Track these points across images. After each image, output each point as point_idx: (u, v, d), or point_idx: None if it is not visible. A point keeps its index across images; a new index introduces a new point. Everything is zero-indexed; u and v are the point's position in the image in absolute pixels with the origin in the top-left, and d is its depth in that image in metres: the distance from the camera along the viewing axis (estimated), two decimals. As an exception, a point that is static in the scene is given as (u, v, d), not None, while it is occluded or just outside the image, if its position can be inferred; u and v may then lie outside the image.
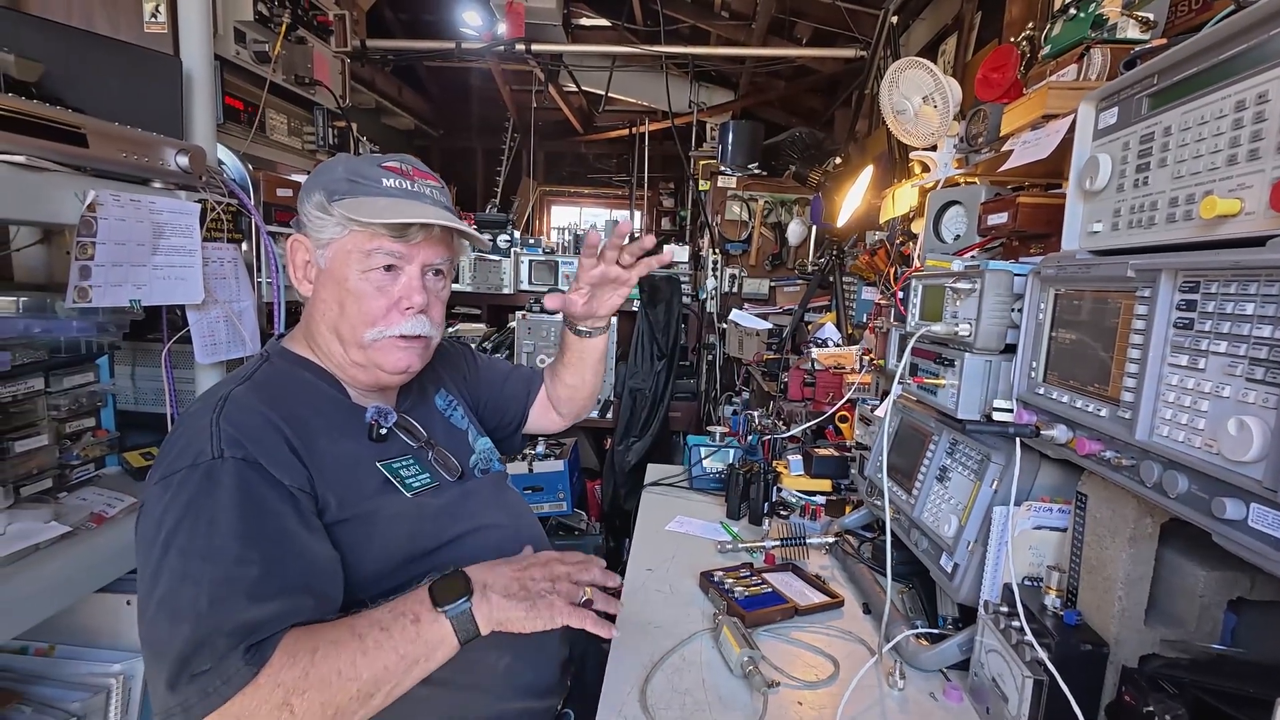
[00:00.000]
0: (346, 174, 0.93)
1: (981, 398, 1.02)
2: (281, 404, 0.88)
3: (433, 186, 0.98)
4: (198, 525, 0.74)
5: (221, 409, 0.82)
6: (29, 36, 1.09)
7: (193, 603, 0.70)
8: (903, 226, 1.85)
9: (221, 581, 0.72)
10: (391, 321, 0.93)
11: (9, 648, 1.23)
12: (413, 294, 0.94)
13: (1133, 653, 0.79)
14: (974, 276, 1.01)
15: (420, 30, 4.51)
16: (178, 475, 0.77)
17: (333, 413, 0.94)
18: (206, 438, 0.79)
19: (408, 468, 0.96)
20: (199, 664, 0.68)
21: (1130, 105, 0.77)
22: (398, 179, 0.94)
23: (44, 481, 1.24)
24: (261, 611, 0.72)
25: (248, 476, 0.78)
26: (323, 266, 0.94)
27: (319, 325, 0.96)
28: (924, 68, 1.47)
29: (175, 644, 0.69)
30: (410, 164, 0.97)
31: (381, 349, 0.94)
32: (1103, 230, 0.80)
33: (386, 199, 0.92)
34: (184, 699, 0.68)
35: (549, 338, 3.18)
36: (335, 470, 0.87)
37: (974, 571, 0.97)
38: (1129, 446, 0.70)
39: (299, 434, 0.86)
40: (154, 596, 0.72)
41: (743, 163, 3.47)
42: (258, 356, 0.99)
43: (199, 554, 0.73)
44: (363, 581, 0.85)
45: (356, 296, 0.92)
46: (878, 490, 1.29)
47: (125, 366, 1.60)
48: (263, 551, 0.75)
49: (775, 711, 0.91)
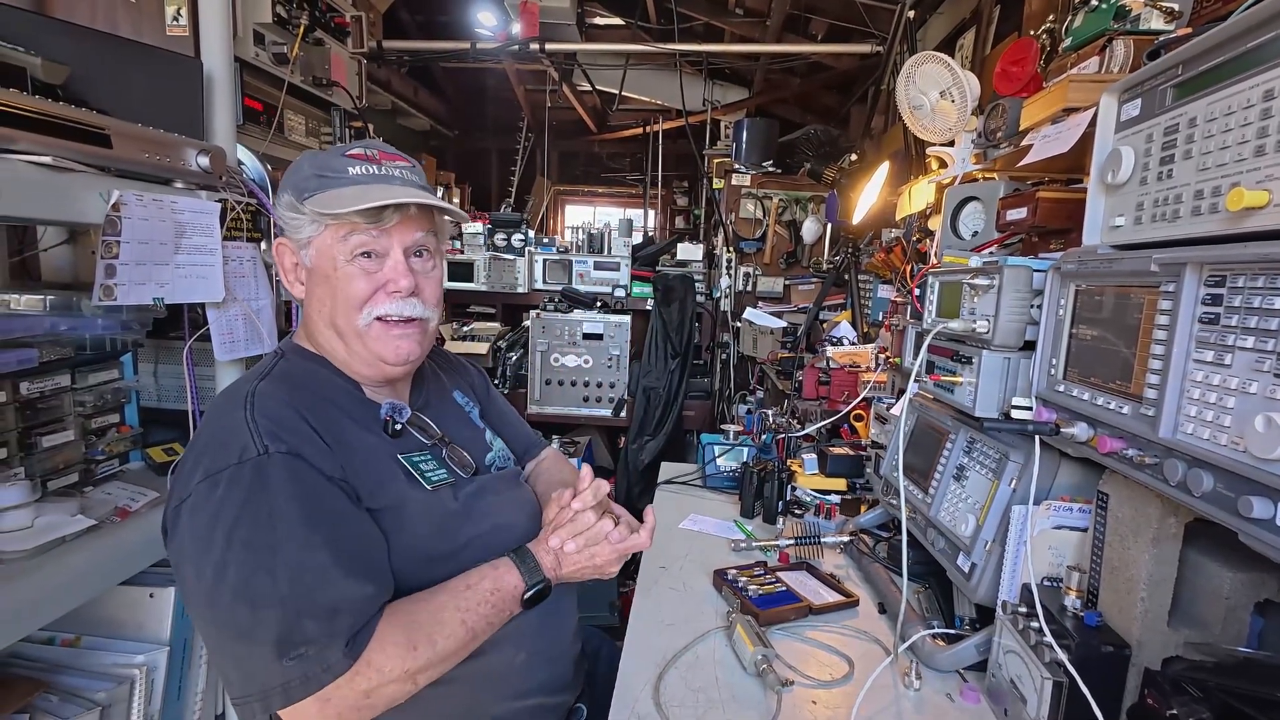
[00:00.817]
0: (313, 170, 0.92)
1: (1000, 395, 1.00)
2: (303, 396, 0.89)
3: (402, 167, 0.96)
4: (259, 519, 0.76)
5: (252, 404, 0.84)
6: (55, 40, 1.12)
7: (273, 590, 0.74)
8: (919, 223, 1.83)
9: (296, 568, 0.76)
10: (377, 302, 0.92)
11: (36, 638, 1.25)
12: (399, 277, 0.92)
13: (1155, 655, 0.78)
14: (992, 273, 1.00)
15: (436, 31, 4.53)
16: (225, 472, 0.78)
17: (351, 406, 0.95)
18: (246, 433, 0.80)
19: (426, 462, 0.97)
20: (295, 648, 0.73)
21: (1154, 97, 0.75)
22: (364, 165, 0.92)
23: (70, 476, 1.27)
24: (341, 592, 0.76)
25: (296, 467, 0.80)
26: (309, 265, 0.95)
27: (318, 324, 0.96)
28: (941, 62, 1.45)
29: (266, 629, 0.73)
30: (377, 148, 0.96)
31: (377, 337, 0.93)
32: (1125, 224, 0.78)
33: (353, 187, 0.91)
34: (285, 681, 0.73)
35: (563, 336, 3.20)
36: (362, 459, 0.89)
37: (992, 571, 0.96)
38: (1152, 444, 0.69)
39: (324, 425, 0.87)
40: (224, 588, 0.75)
41: (757, 160, 3.45)
42: (272, 354, 0.99)
43: (266, 546, 0.76)
44: (394, 575, 0.86)
45: (344, 284, 0.91)
46: (894, 489, 1.28)
47: (148, 364, 1.63)
48: (326, 534, 0.79)
49: (789, 710, 0.91)
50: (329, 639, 0.74)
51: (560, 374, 3.21)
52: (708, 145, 4.37)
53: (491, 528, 0.97)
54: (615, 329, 3.21)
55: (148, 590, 1.30)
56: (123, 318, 1.39)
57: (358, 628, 0.77)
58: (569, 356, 3.20)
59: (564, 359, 3.21)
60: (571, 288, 3.31)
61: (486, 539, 0.96)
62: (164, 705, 1.29)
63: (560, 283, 3.34)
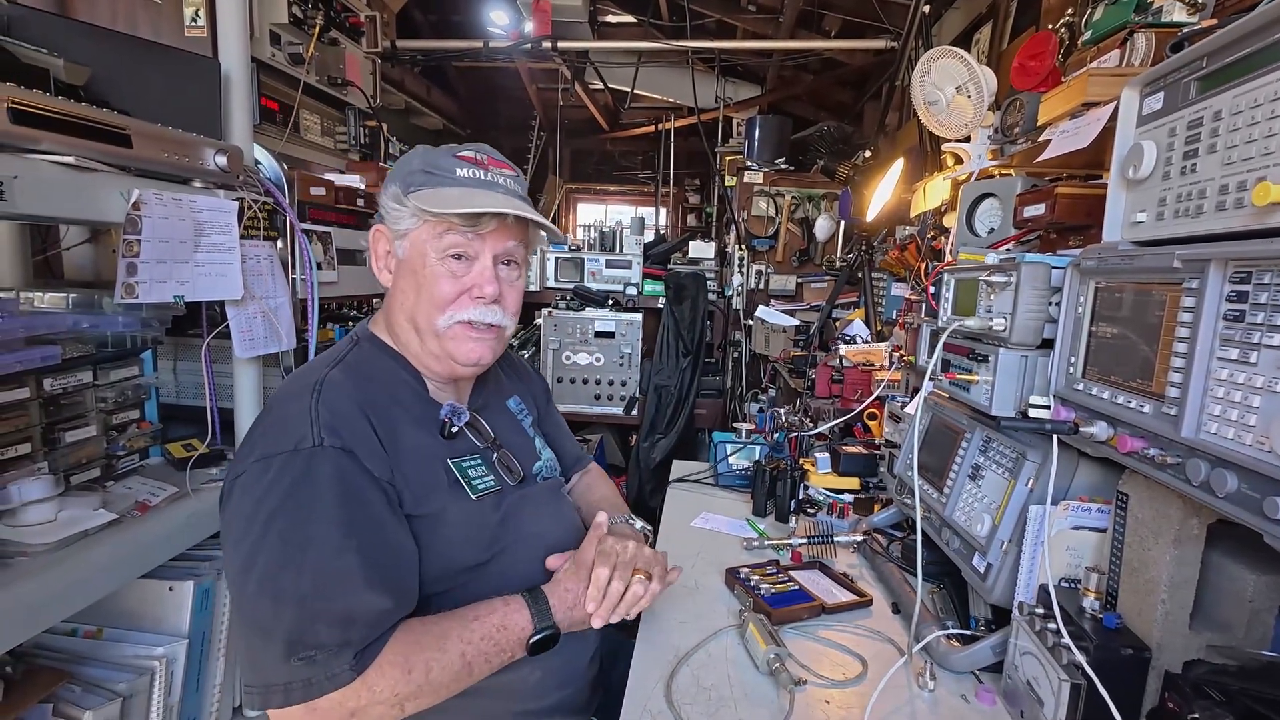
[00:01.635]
0: (422, 165, 0.94)
1: (1017, 394, 0.99)
2: (369, 391, 0.91)
3: (506, 175, 0.97)
4: (299, 511, 0.78)
5: (319, 393, 0.85)
6: (77, 41, 1.14)
7: (295, 587, 0.75)
8: (934, 221, 1.81)
9: (322, 570, 0.77)
10: (461, 306, 0.94)
11: (60, 629, 1.28)
12: (485, 284, 0.94)
13: (1176, 658, 0.76)
14: (1010, 270, 0.99)
15: (449, 31, 4.55)
16: (279, 458, 0.80)
17: (412, 403, 0.96)
18: (306, 423, 0.82)
19: (475, 468, 0.97)
20: (304, 650, 0.74)
21: (1177, 90, 0.74)
22: (471, 168, 0.94)
23: (92, 471, 1.29)
24: (360, 602, 0.77)
25: (345, 465, 0.81)
26: (400, 256, 0.97)
27: (397, 315, 0.98)
28: (957, 57, 1.43)
29: (281, 626, 0.75)
30: (486, 153, 0.97)
31: (454, 337, 0.94)
32: (1147, 220, 0.77)
33: (458, 189, 0.93)
34: (288, 680, 0.74)
35: (574, 334, 3.20)
36: (412, 463, 0.90)
37: (1008, 572, 0.95)
38: (1174, 444, 0.68)
39: (383, 423, 0.89)
40: (253, 573, 0.77)
41: (770, 158, 3.44)
42: (348, 339, 1.01)
43: (299, 542, 0.77)
44: (422, 582, 0.88)
45: (430, 283, 0.93)
46: (908, 488, 1.27)
47: (167, 361, 1.66)
48: (360, 540, 0.79)
49: (802, 710, 0.91)
50: (340, 647, 0.75)
51: (572, 372, 3.22)
52: (720, 143, 4.35)
53: (528, 538, 0.98)
54: (627, 327, 3.22)
55: (167, 584, 1.32)
56: (142, 315, 1.41)
57: (369, 640, 0.78)
58: (581, 354, 3.21)
59: (576, 357, 3.22)
60: (583, 286, 3.32)
61: (520, 550, 0.97)
62: (183, 697, 1.31)
63: (572, 281, 3.35)
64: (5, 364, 1.09)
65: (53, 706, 1.12)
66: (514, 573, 0.96)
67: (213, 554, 1.43)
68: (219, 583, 1.40)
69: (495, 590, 0.92)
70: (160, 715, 1.25)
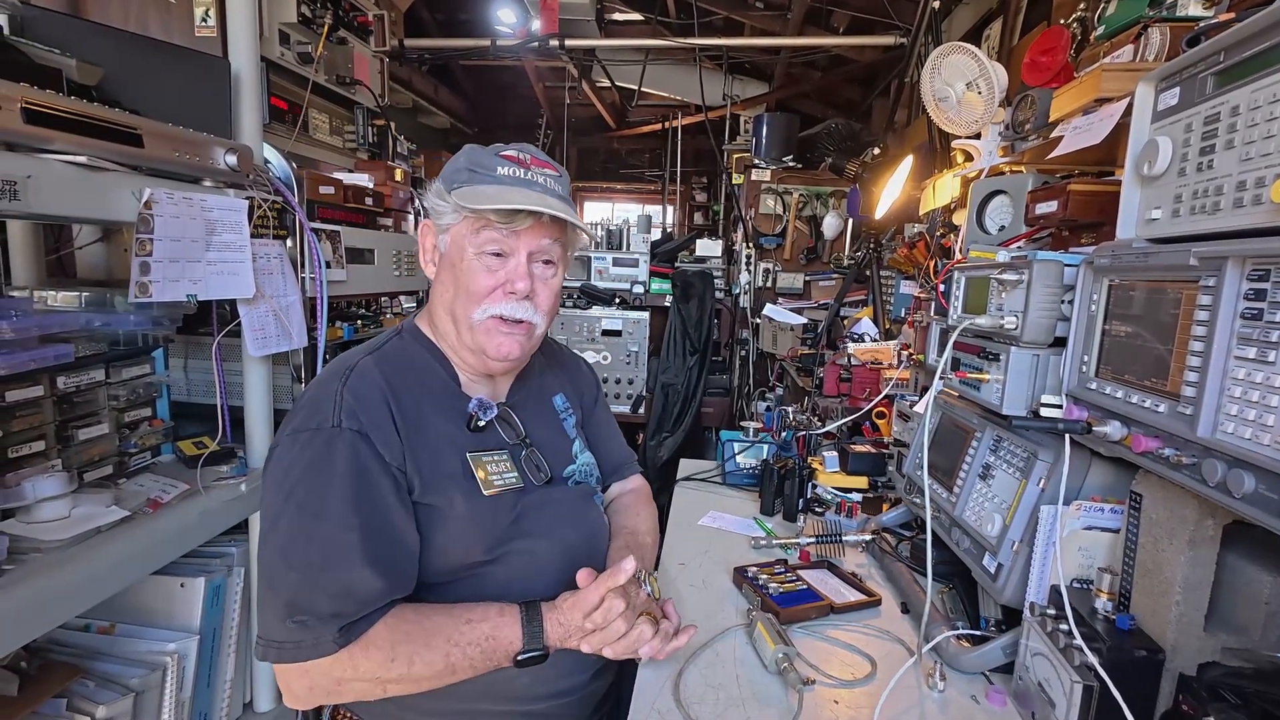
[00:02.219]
0: (466, 163, 0.97)
1: (1028, 393, 0.98)
2: (399, 378, 0.95)
3: (549, 175, 0.99)
4: (315, 484, 0.84)
5: (347, 379, 0.91)
6: (89, 42, 1.15)
7: (304, 554, 0.82)
8: (943, 218, 1.80)
9: (329, 543, 0.82)
10: (495, 300, 0.96)
11: (73, 625, 1.29)
12: (517, 279, 0.95)
13: (1191, 660, 0.75)
14: (1021, 267, 0.98)
15: (456, 30, 4.56)
16: (305, 434, 0.87)
17: (441, 395, 0.99)
18: (331, 405, 0.88)
19: (496, 463, 0.98)
20: (299, 614, 0.80)
21: (1194, 85, 0.73)
22: (513, 167, 0.96)
23: (105, 468, 1.30)
24: (355, 577, 0.82)
25: (360, 448, 0.87)
26: (443, 250, 1.00)
27: (438, 307, 1.01)
28: (968, 53, 1.42)
29: (287, 586, 0.81)
30: (529, 153, 0.99)
31: (487, 331, 0.96)
32: (1162, 217, 0.76)
33: (496, 186, 0.95)
34: (283, 640, 0.80)
35: (581, 332, 3.20)
36: (429, 451, 0.93)
37: (1019, 572, 0.94)
38: (1190, 444, 0.67)
39: (406, 411, 0.93)
40: (276, 536, 0.84)
41: (777, 155, 3.43)
42: (392, 330, 1.06)
43: (313, 512, 0.83)
44: (421, 571, 0.90)
45: (468, 276, 0.95)
46: (917, 488, 1.26)
47: (178, 360, 1.67)
48: (363, 519, 0.84)
49: (811, 709, 0.90)
50: (329, 618, 0.80)
51: (579, 370, 3.22)
52: (727, 140, 4.34)
53: (542, 541, 0.98)
54: (634, 325, 3.21)
55: (179, 580, 1.34)
56: (154, 314, 1.42)
57: (358, 616, 0.82)
58: (588, 352, 3.21)
59: (583, 355, 3.22)
60: (590, 284, 3.32)
61: (531, 552, 0.97)
62: (195, 692, 1.32)
63: (579, 279, 3.35)
64: (20, 362, 1.10)
65: (67, 701, 1.13)
66: (521, 574, 0.95)
67: (223, 550, 1.44)
68: (230, 579, 1.41)
69: (499, 589, 0.92)
70: (172, 711, 1.26)
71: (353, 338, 1.81)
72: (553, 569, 0.97)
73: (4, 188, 0.85)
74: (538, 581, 0.96)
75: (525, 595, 0.92)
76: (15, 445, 1.11)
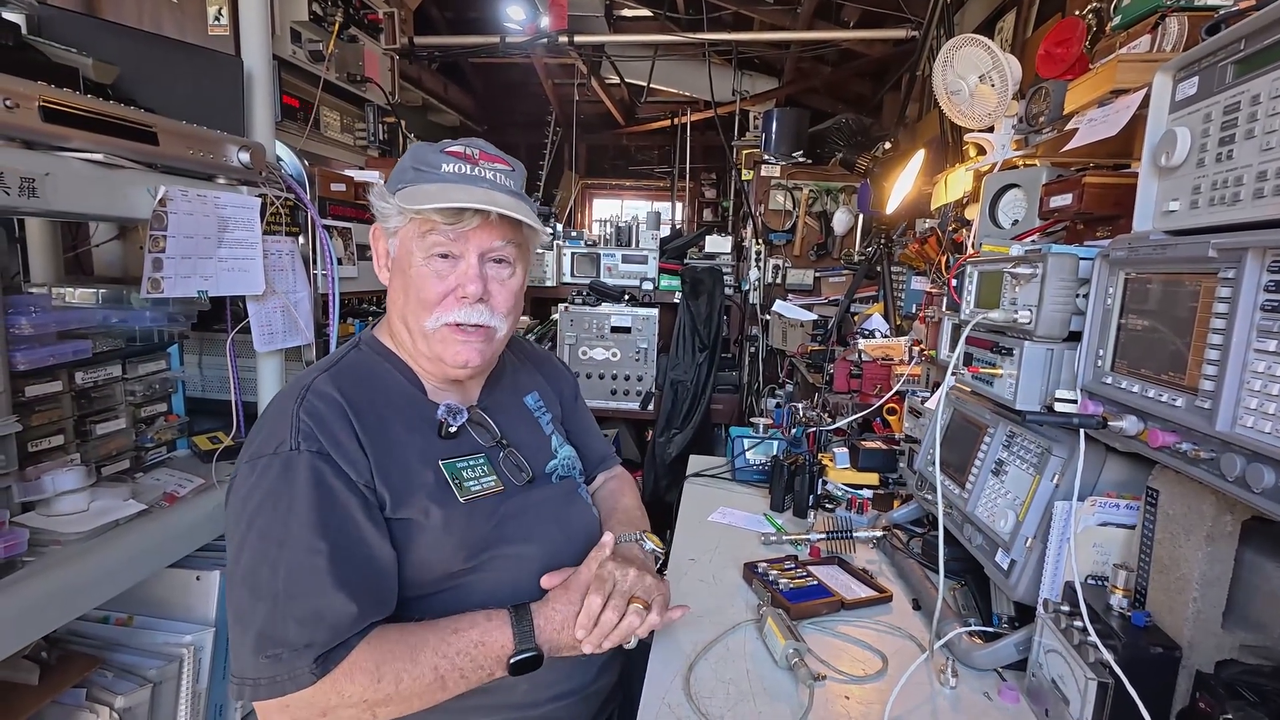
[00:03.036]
0: (411, 162, 0.93)
1: (1042, 388, 0.97)
2: (358, 393, 0.90)
3: (499, 170, 0.94)
4: (276, 511, 0.80)
5: (303, 399, 0.86)
6: (105, 41, 1.16)
7: (269, 583, 0.77)
8: (955, 213, 1.78)
9: (295, 569, 0.78)
10: (448, 308, 0.92)
11: (92, 616, 1.31)
12: (467, 282, 0.91)
13: (1208, 658, 0.75)
14: (1035, 261, 0.97)
15: (465, 27, 4.57)
16: (262, 460, 0.82)
17: (405, 407, 0.95)
18: (287, 427, 0.83)
19: (472, 469, 0.95)
20: (271, 647, 0.75)
21: (1213, 74, 0.72)
22: (458, 163, 0.91)
23: (122, 462, 1.32)
24: (326, 604, 0.77)
25: (320, 469, 0.82)
26: (393, 255, 0.96)
27: (393, 315, 0.97)
28: (981, 45, 1.40)
29: (256, 619, 0.76)
30: (477, 147, 0.94)
31: (441, 340, 0.93)
32: (1180, 209, 0.75)
33: (439, 185, 0.90)
34: (256, 677, 0.75)
35: (591, 330, 3.21)
36: (398, 465, 0.89)
37: (1032, 569, 0.94)
38: (1208, 438, 0.66)
39: (369, 427, 0.88)
40: (239, 568, 0.79)
41: (787, 151, 3.41)
42: (350, 343, 1.01)
43: (276, 539, 0.79)
44: (401, 585, 0.87)
45: (417, 284, 0.92)
46: (929, 484, 1.25)
47: (193, 355, 1.69)
48: (331, 544, 0.80)
49: (821, 705, 0.90)
50: (303, 648, 0.75)
51: (588, 367, 3.22)
52: (737, 136, 4.32)
53: (528, 543, 0.95)
54: (643, 322, 3.21)
55: (194, 573, 1.35)
56: (169, 310, 1.44)
57: (333, 644, 0.77)
58: (597, 350, 3.22)
59: (592, 352, 3.22)
60: (599, 281, 3.32)
61: (517, 555, 0.94)
62: (211, 684, 1.34)
63: (588, 276, 3.35)
64: (39, 357, 1.11)
65: (86, 691, 1.15)
66: (507, 579, 0.92)
67: (238, 545, 1.45)
68: (244, 573, 1.43)
69: (484, 597, 0.89)
70: (189, 701, 1.28)
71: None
72: (539, 572, 0.94)
73: (23, 185, 0.87)
74: (525, 586, 0.93)
75: (513, 601, 0.89)
76: (35, 440, 1.13)
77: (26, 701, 1.05)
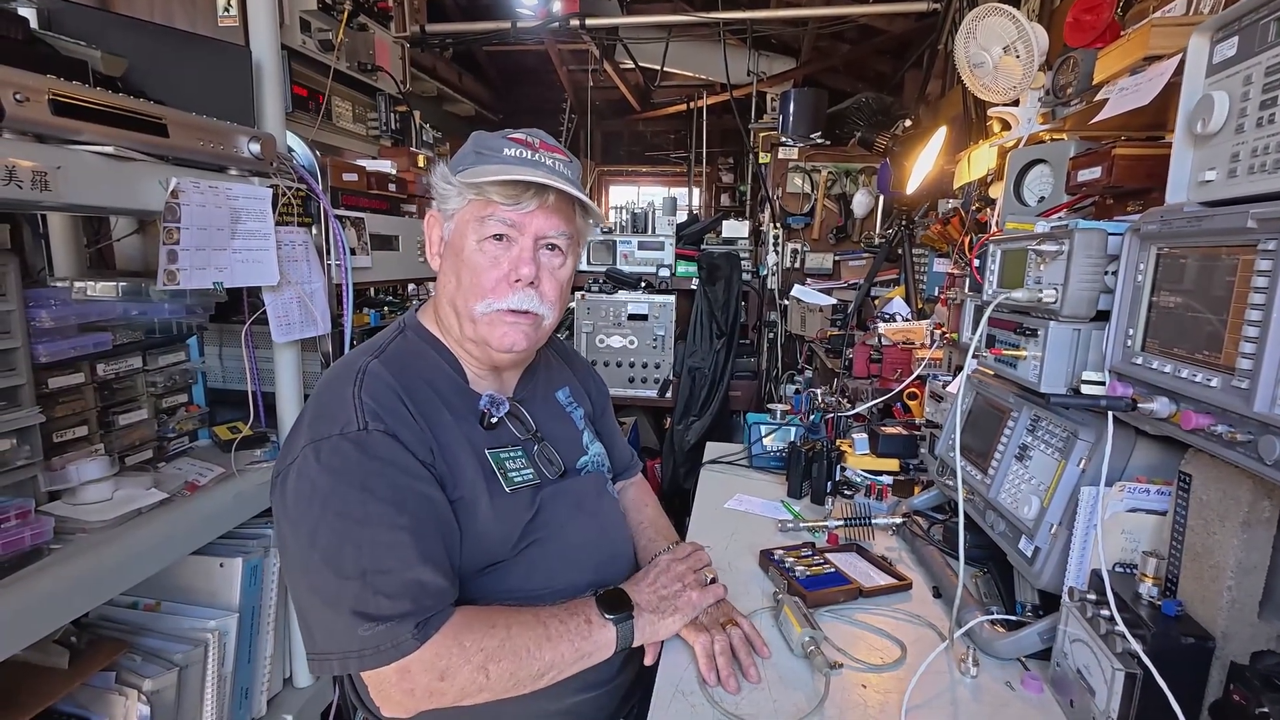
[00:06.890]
0: (473, 146, 0.95)
1: (1068, 370, 0.94)
2: (408, 379, 0.92)
3: (558, 159, 0.96)
4: (351, 491, 0.80)
5: (361, 381, 0.88)
6: (114, 33, 1.17)
7: (355, 561, 0.78)
8: (979, 191, 1.73)
9: (379, 543, 0.79)
10: (500, 294, 0.93)
11: (121, 602, 1.34)
12: (522, 265, 0.92)
13: (1243, 648, 0.71)
14: (1062, 238, 0.93)
15: (477, 14, 4.54)
16: (328, 442, 0.82)
17: (451, 394, 0.97)
18: (351, 409, 0.85)
19: (514, 460, 0.97)
20: (368, 621, 0.77)
21: (1254, 33, 0.67)
22: (520, 149, 0.94)
23: (145, 452, 1.35)
24: (415, 575, 0.80)
25: (392, 447, 0.84)
26: (447, 239, 0.97)
27: (441, 299, 0.99)
28: (1005, 14, 1.35)
29: (347, 597, 0.78)
30: (539, 137, 0.96)
31: (490, 323, 0.94)
32: (1217, 178, 0.71)
33: (500, 165, 0.92)
34: (360, 649, 0.77)
35: (608, 317, 3.19)
36: (452, 452, 0.91)
37: (1057, 556, 0.91)
38: (1245, 420, 0.63)
39: (423, 410, 0.90)
40: (315, 550, 0.79)
41: (805, 132, 3.34)
42: (394, 327, 1.03)
43: (356, 518, 0.80)
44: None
45: (471, 268, 0.93)
46: (950, 470, 1.22)
47: (213, 347, 1.71)
48: (410, 518, 0.82)
49: (838, 693, 0.89)
50: (401, 618, 0.78)
51: (606, 355, 3.22)
52: (753, 119, 4.24)
53: (561, 533, 0.98)
54: (660, 309, 3.19)
55: (218, 560, 1.38)
56: (187, 302, 1.45)
57: (429, 614, 0.80)
58: (614, 337, 3.20)
59: (609, 340, 3.21)
60: (616, 268, 3.30)
61: (550, 544, 0.96)
62: (236, 668, 1.37)
63: (605, 264, 3.33)
64: (61, 350, 1.14)
65: (115, 674, 1.18)
66: (542, 568, 0.95)
67: (259, 532, 1.48)
68: (267, 560, 1.45)
69: (519, 582, 0.93)
70: (215, 685, 1.31)
71: (379, 324, 1.83)
72: (572, 560, 0.97)
73: (35, 179, 0.87)
74: (559, 574, 0.96)
75: (546, 588, 0.93)
76: (60, 430, 1.16)
77: (57, 684, 1.08)
